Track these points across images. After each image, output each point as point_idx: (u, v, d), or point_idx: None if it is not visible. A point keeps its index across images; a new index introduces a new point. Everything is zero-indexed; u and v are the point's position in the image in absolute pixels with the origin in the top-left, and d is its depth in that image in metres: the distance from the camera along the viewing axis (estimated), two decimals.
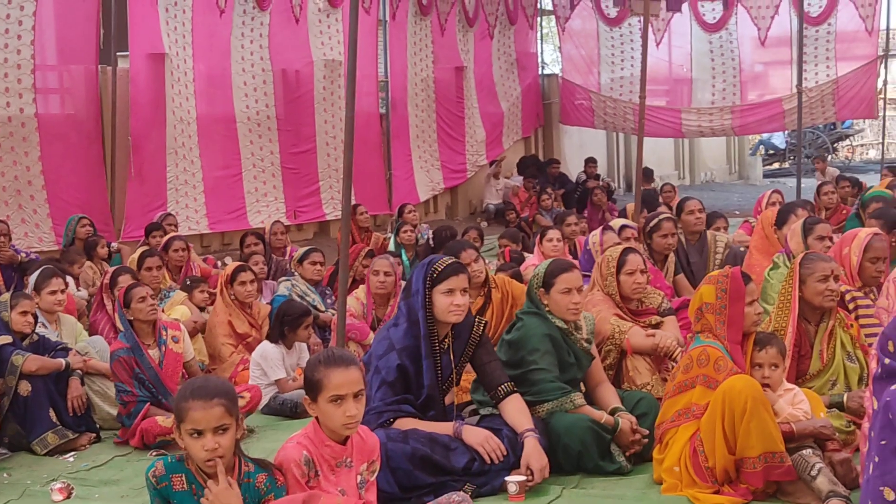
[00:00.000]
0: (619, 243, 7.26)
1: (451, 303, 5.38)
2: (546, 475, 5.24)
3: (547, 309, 5.79)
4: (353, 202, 11.80)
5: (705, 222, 10.08)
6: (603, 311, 6.53)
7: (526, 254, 11.17)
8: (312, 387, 4.31)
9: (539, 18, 21.68)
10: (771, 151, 34.40)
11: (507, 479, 5.15)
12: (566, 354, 5.74)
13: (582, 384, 5.93)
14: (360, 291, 8.76)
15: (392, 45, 17.16)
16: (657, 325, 6.68)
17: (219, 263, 11.74)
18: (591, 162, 20.05)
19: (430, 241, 11.63)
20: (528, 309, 5.90)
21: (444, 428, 5.29)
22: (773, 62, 20.87)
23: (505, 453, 5.24)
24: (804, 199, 11.89)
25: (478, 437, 5.25)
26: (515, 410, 5.41)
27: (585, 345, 5.87)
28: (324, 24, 15.76)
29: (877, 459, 4.13)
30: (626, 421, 5.60)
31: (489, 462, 5.19)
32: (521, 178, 18.96)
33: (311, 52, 15.49)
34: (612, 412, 5.68)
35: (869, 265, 6.68)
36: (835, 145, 34.60)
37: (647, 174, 19.86)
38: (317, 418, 4.34)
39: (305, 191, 15.52)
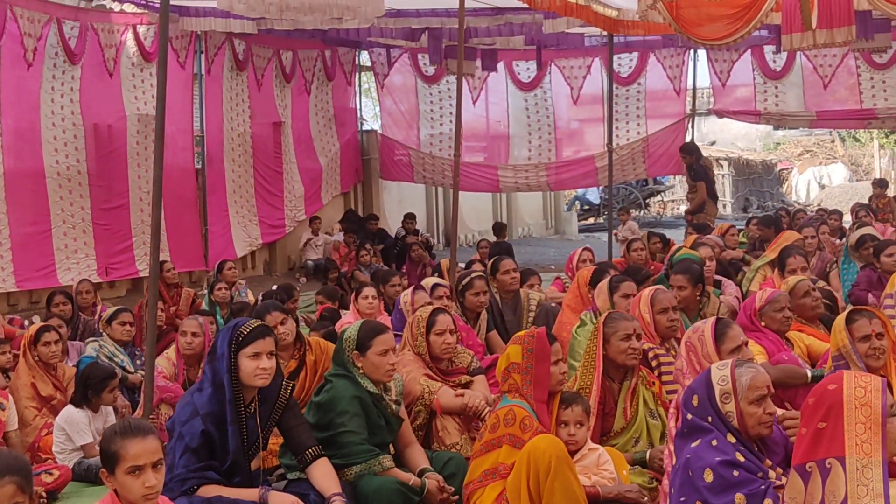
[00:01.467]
0: (429, 303, 7.27)
1: (256, 366, 5.28)
2: None
3: (361, 371, 5.76)
4: (162, 258, 11.54)
5: (519, 281, 10.25)
6: (413, 372, 6.53)
7: (343, 311, 11.13)
8: (109, 459, 4.17)
9: (358, 74, 21.74)
10: (586, 207, 35.23)
11: None
12: (376, 417, 5.72)
13: (392, 446, 5.91)
14: (172, 351, 8.58)
15: (208, 99, 16.96)
16: (467, 385, 6.70)
17: (25, 323, 11.35)
18: (409, 217, 20.14)
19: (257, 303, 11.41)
20: (336, 371, 5.85)
21: (249, 494, 5.18)
22: (587, 120, 21.36)
23: None
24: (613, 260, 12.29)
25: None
26: (323, 475, 5.34)
27: (395, 407, 5.85)
28: (137, 77, 15.47)
29: None
30: (433, 482, 5.59)
31: None
32: (342, 233, 18.93)
33: (123, 107, 15.17)
34: (420, 473, 5.67)
35: (660, 317, 6.90)
36: (647, 201, 35.67)
37: (499, 228, 20.16)
38: (115, 490, 4.20)
39: (118, 247, 15.14)
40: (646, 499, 5.35)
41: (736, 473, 4.43)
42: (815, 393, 4.17)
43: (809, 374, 6.48)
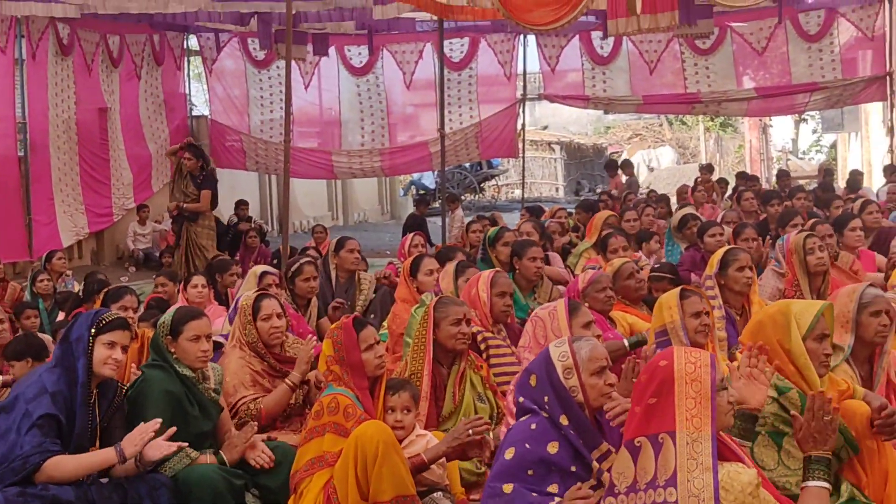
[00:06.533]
0: (258, 291, 7.17)
1: (109, 355, 5.22)
2: None
3: (175, 356, 5.66)
4: None
5: (359, 262, 10.25)
6: (234, 380, 6.47)
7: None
8: None
9: (187, 59, 21.33)
10: (422, 191, 35.32)
11: None
12: (189, 407, 5.60)
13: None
14: None
15: (31, 85, 16.39)
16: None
17: None
18: (242, 204, 19.86)
19: (81, 292, 11.10)
20: (152, 360, 5.75)
21: (105, 455, 5.05)
22: (421, 105, 21.38)
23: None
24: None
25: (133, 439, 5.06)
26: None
27: (213, 395, 5.76)
28: None
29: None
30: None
31: None
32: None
33: None
34: None
35: (497, 300, 6.97)
36: (482, 185, 35.95)
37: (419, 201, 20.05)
38: None
39: None
40: (480, 426, 5.30)
41: (530, 472, 4.47)
42: (647, 370, 4.22)
43: (627, 342, 6.65)
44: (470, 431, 5.17)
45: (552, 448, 4.50)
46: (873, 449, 4.69)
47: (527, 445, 4.49)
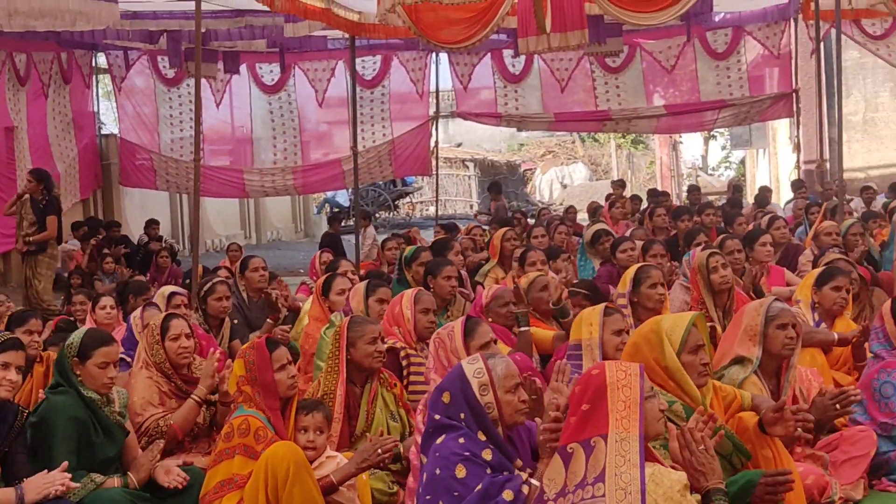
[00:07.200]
0: (167, 315, 7.07)
1: (3, 376, 5.14)
2: None
3: (79, 379, 5.55)
4: None
5: (268, 280, 10.18)
6: (142, 401, 6.37)
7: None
8: None
9: (95, 77, 21.04)
10: (336, 209, 35.23)
11: None
12: (94, 434, 5.50)
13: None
14: None
15: None
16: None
17: None
18: (153, 223, 19.61)
19: None
20: (56, 382, 5.63)
21: (5, 494, 4.92)
22: (334, 122, 21.32)
23: None
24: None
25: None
26: None
27: (119, 418, 5.67)
28: None
29: None
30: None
31: None
32: (78, 242, 18.26)
33: None
34: None
35: (421, 317, 6.98)
36: (396, 202, 35.98)
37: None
38: None
39: None
40: (388, 444, 5.29)
41: (487, 470, 4.48)
42: (580, 382, 4.32)
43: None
44: (378, 450, 5.15)
45: (487, 455, 4.55)
46: (770, 458, 4.77)
47: (465, 453, 4.49)
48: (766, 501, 4.59)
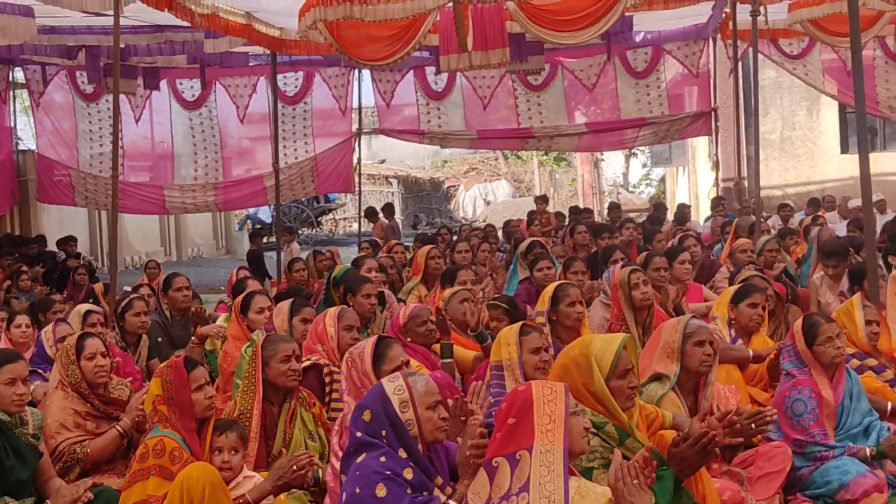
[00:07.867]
0: (81, 334, 6.96)
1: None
2: None
3: None
4: None
5: (191, 298, 10.09)
6: (56, 424, 6.27)
7: None
8: None
9: (13, 92, 20.70)
10: (258, 226, 35.03)
11: None
12: (4, 456, 5.39)
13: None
14: None
15: None
16: None
17: None
18: (70, 240, 19.36)
19: None
20: None
21: None
22: (256, 138, 21.13)
23: None
24: None
25: None
26: None
27: (32, 440, 5.57)
28: None
29: None
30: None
31: None
32: None
33: None
34: None
35: (344, 334, 6.96)
36: (319, 219, 35.87)
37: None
38: None
39: None
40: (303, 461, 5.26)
41: (408, 490, 4.47)
42: (507, 399, 4.37)
43: None
44: (294, 467, 5.12)
45: (408, 474, 4.54)
46: (691, 477, 4.80)
47: (387, 473, 4.46)
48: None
